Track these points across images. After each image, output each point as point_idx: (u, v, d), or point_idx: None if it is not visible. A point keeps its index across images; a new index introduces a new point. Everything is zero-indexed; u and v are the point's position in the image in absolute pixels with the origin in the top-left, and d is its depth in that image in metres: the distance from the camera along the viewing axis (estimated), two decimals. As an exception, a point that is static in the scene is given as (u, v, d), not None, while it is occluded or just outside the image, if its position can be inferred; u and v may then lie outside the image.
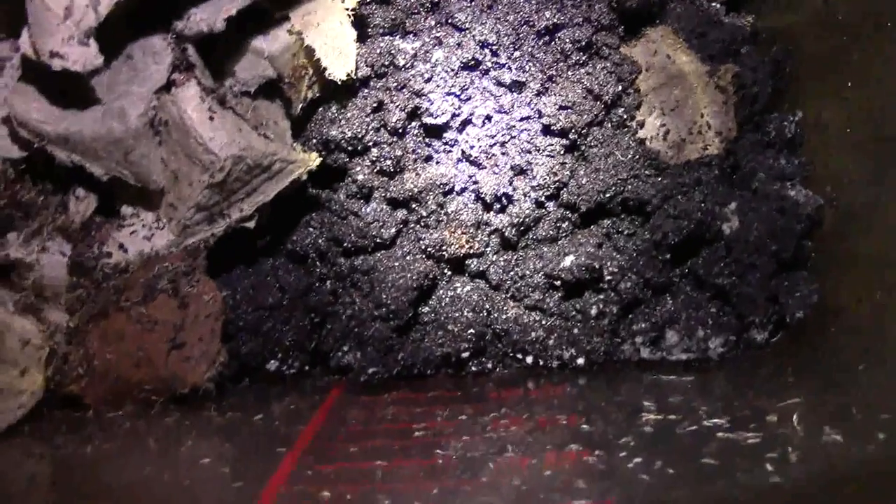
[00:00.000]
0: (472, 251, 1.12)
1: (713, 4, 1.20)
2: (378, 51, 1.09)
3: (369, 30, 1.11)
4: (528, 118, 1.11)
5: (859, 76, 1.04)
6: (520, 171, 1.11)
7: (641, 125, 1.12)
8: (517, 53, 1.10)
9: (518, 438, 0.88)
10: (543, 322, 1.12)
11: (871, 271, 1.01)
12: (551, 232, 1.13)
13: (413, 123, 1.11)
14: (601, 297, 1.12)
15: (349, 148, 1.10)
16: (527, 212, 1.12)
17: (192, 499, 0.78)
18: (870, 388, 0.88)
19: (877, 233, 1.01)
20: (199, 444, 0.92)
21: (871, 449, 0.72)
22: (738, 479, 0.70)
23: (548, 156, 1.11)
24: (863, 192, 1.04)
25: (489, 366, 1.12)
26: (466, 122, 1.11)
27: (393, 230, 1.12)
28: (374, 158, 1.10)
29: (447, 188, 1.12)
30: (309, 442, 0.90)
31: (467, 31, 1.10)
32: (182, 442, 0.92)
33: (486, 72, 1.11)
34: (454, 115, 1.10)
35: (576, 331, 1.11)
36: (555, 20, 1.10)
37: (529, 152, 1.11)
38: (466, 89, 1.10)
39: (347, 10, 1.05)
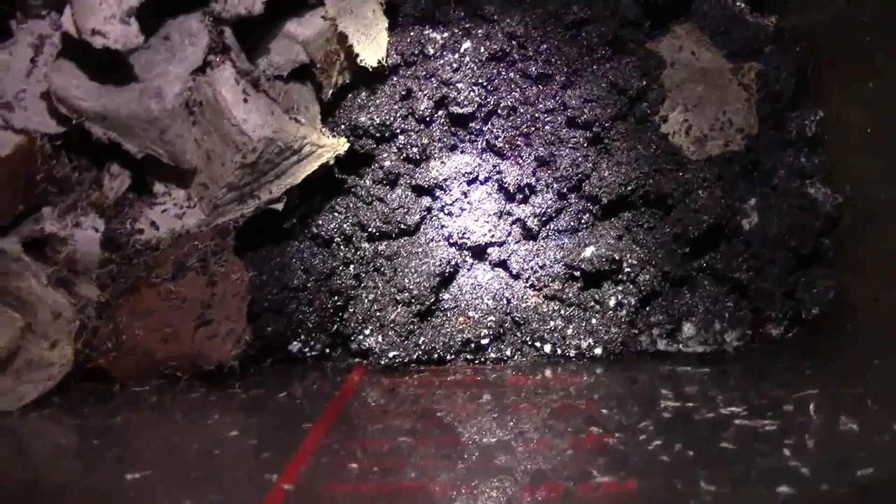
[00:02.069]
0: (493, 240, 1.14)
1: (738, 3, 1.21)
2: (408, 39, 1.11)
3: (400, 18, 1.13)
4: (552, 110, 1.13)
5: (881, 77, 1.05)
6: (543, 163, 1.13)
7: (664, 120, 1.14)
8: (544, 46, 1.12)
9: (538, 421, 0.89)
10: (562, 311, 1.14)
11: (888, 269, 1.02)
12: (572, 223, 1.15)
13: (440, 112, 1.13)
14: (620, 288, 1.13)
15: (377, 134, 1.11)
16: (549, 202, 1.13)
17: (222, 467, 0.80)
18: (886, 381, 0.90)
19: (893, 232, 1.02)
20: (224, 419, 0.94)
21: (887, 439, 0.74)
22: (756, 462, 0.72)
23: (571, 148, 1.13)
24: (882, 192, 1.05)
25: (508, 353, 1.14)
26: (492, 113, 1.13)
27: (417, 217, 1.14)
28: (401, 145, 1.12)
29: (471, 177, 1.14)
30: (332, 419, 0.92)
31: (496, 23, 1.12)
32: (208, 415, 0.94)
33: (513, 63, 1.12)
34: (480, 106, 1.12)
35: (594, 321, 1.13)
36: (582, 14, 1.12)
37: (553, 144, 1.13)
38: (493, 80, 1.12)
39: (380, -3, 1.07)
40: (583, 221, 1.15)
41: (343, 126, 1.12)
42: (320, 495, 0.72)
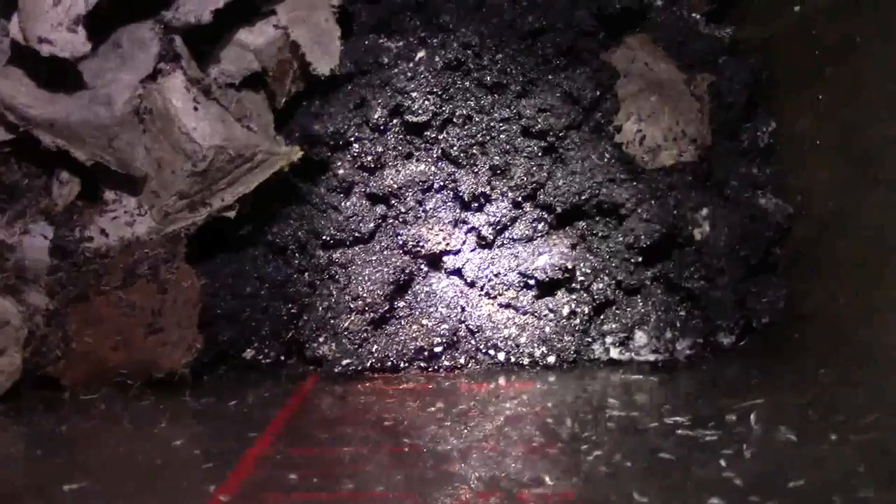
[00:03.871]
0: (448, 248, 1.14)
1: (693, 15, 1.22)
2: (362, 48, 1.11)
3: (355, 27, 1.13)
4: (507, 119, 1.13)
5: (831, 89, 1.07)
6: (498, 172, 1.14)
7: (618, 130, 1.15)
8: (499, 56, 1.13)
9: (486, 430, 0.90)
10: (516, 320, 1.14)
11: (836, 279, 1.03)
12: (527, 232, 1.15)
13: (395, 121, 1.13)
14: (573, 297, 1.14)
15: (331, 142, 1.12)
16: (504, 211, 1.14)
17: (162, 478, 0.79)
18: (827, 391, 0.91)
19: (842, 242, 1.03)
20: (172, 427, 0.93)
21: (824, 448, 0.75)
22: (692, 473, 0.72)
23: (526, 157, 1.13)
24: (832, 202, 1.06)
25: (461, 361, 1.14)
26: (447, 122, 1.13)
27: (371, 225, 1.14)
28: (356, 154, 1.12)
29: (426, 185, 1.14)
30: (280, 427, 0.92)
31: (451, 32, 1.13)
32: (156, 424, 0.94)
33: (468, 73, 1.13)
34: (435, 114, 1.12)
35: (547, 329, 1.13)
36: (537, 24, 1.13)
37: (508, 153, 1.13)
38: (448, 89, 1.12)
39: (333, 6, 1.07)
40: (537, 230, 1.15)
41: (297, 134, 1.12)
42: (258, 506, 0.72)
